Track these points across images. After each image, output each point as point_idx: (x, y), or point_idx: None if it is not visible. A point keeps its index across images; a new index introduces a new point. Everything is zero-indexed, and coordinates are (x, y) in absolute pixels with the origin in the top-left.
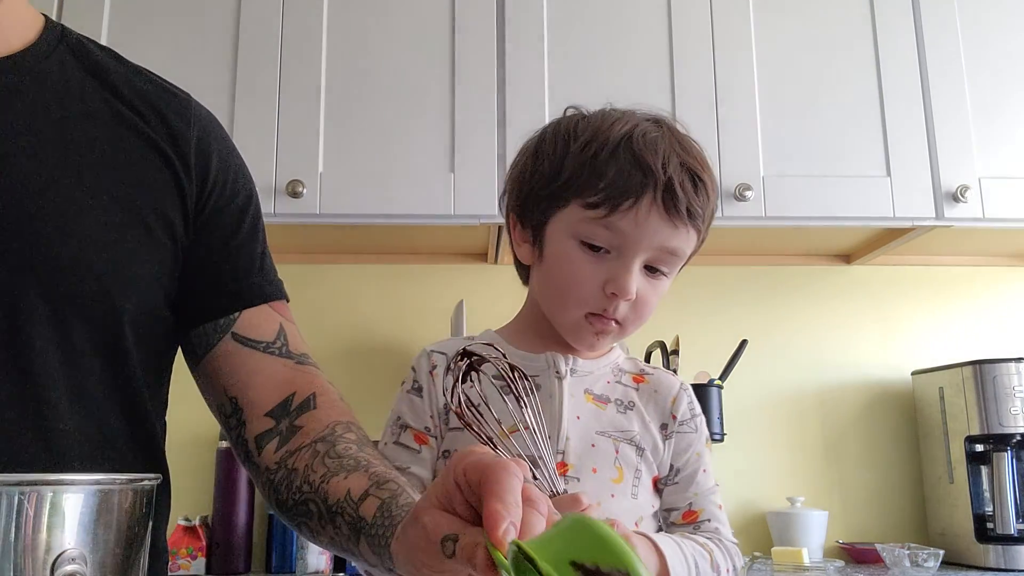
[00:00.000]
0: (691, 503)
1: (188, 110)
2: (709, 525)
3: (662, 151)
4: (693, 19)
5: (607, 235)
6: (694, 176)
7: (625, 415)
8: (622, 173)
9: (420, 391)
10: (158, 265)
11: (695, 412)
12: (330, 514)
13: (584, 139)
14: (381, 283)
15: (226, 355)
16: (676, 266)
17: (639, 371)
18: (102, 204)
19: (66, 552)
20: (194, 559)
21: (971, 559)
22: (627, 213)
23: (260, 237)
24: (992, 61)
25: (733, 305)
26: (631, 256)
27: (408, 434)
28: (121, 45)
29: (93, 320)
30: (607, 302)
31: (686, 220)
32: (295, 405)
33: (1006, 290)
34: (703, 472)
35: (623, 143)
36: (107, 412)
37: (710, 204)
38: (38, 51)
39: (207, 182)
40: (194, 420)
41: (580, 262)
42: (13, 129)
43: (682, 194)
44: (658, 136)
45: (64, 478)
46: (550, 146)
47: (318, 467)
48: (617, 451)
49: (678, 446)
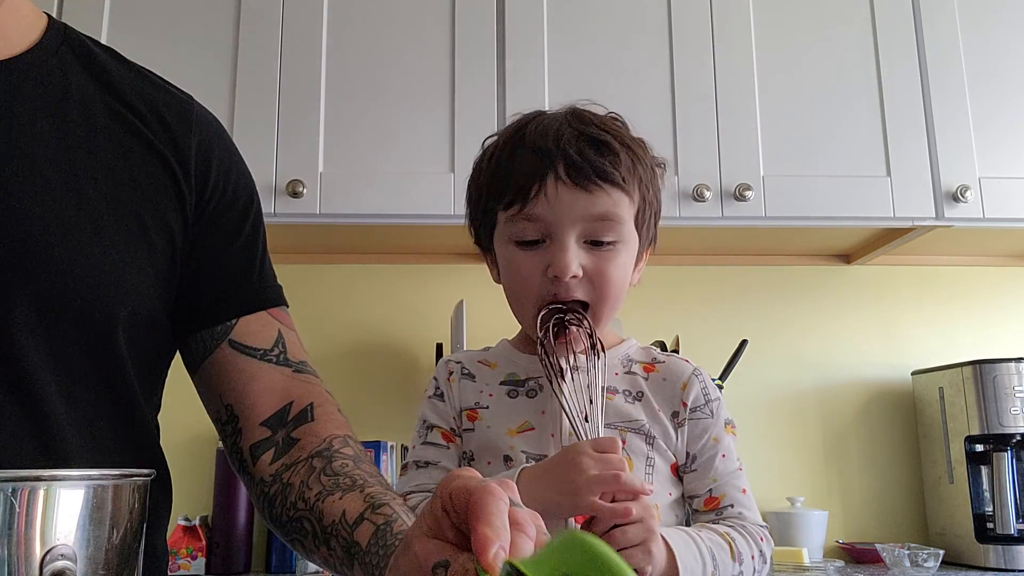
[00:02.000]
0: (711, 489)
1: (190, 113)
2: (732, 511)
3: (553, 131)
4: (693, 19)
5: (531, 226)
6: (595, 140)
7: (633, 405)
8: (523, 165)
9: (442, 396)
10: (154, 271)
11: (710, 397)
12: (324, 535)
13: (489, 152)
14: (381, 283)
15: (223, 362)
16: (621, 232)
17: (651, 360)
18: (98, 208)
19: (56, 548)
20: (194, 559)
21: (971, 559)
22: (538, 199)
23: (260, 242)
24: (992, 61)
25: (733, 305)
26: (560, 236)
27: (436, 433)
28: (121, 45)
29: (86, 325)
30: (554, 287)
31: (600, 183)
32: (292, 416)
33: (1006, 290)
34: (722, 457)
35: (517, 140)
36: (101, 416)
37: (624, 162)
38: (40, 52)
39: (207, 187)
40: (194, 420)
41: (521, 260)
42: (11, 131)
43: (583, 161)
44: (551, 120)
45: (56, 473)
46: (474, 174)
47: (314, 484)
48: (624, 441)
49: (692, 432)
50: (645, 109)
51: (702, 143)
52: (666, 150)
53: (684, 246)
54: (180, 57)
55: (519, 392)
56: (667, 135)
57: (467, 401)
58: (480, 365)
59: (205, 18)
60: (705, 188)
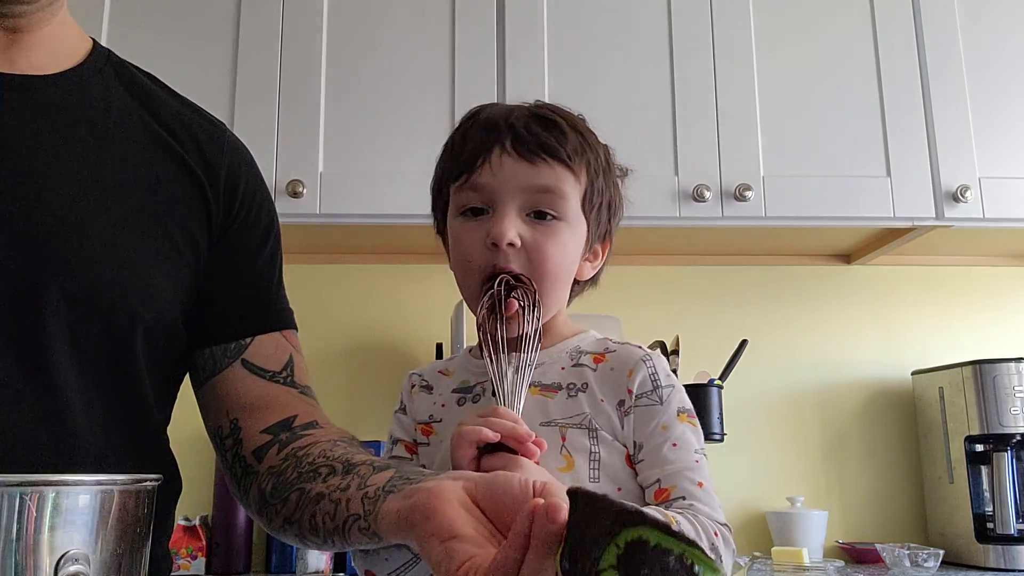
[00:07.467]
0: (659, 480)
1: (222, 137)
2: (683, 503)
3: (505, 111)
4: (693, 19)
5: (476, 196)
6: (544, 119)
7: (576, 398)
8: (473, 141)
9: (404, 410)
10: (178, 280)
11: (659, 383)
12: (347, 469)
13: (449, 137)
14: (381, 283)
15: (232, 380)
16: (562, 206)
17: (603, 350)
18: (130, 216)
19: (70, 552)
20: (194, 559)
21: (971, 559)
22: (482, 168)
23: (277, 267)
24: (992, 61)
25: (733, 305)
26: (501, 204)
27: (400, 447)
28: (121, 45)
29: (110, 324)
30: (493, 255)
31: (544, 156)
32: (296, 425)
33: (1006, 290)
34: (672, 446)
35: (471, 121)
36: (115, 415)
37: (571, 142)
38: (85, 70)
39: (233, 207)
40: (194, 420)
41: (466, 231)
42: (53, 141)
43: (529, 135)
44: (507, 105)
45: (67, 478)
46: (437, 163)
47: (336, 449)
48: (564, 438)
49: (638, 420)
50: (645, 109)
51: (702, 143)
52: (666, 150)
53: (684, 246)
54: (180, 57)
55: (466, 399)
56: (667, 135)
57: (421, 414)
58: (439, 375)
59: (205, 18)
60: (705, 188)
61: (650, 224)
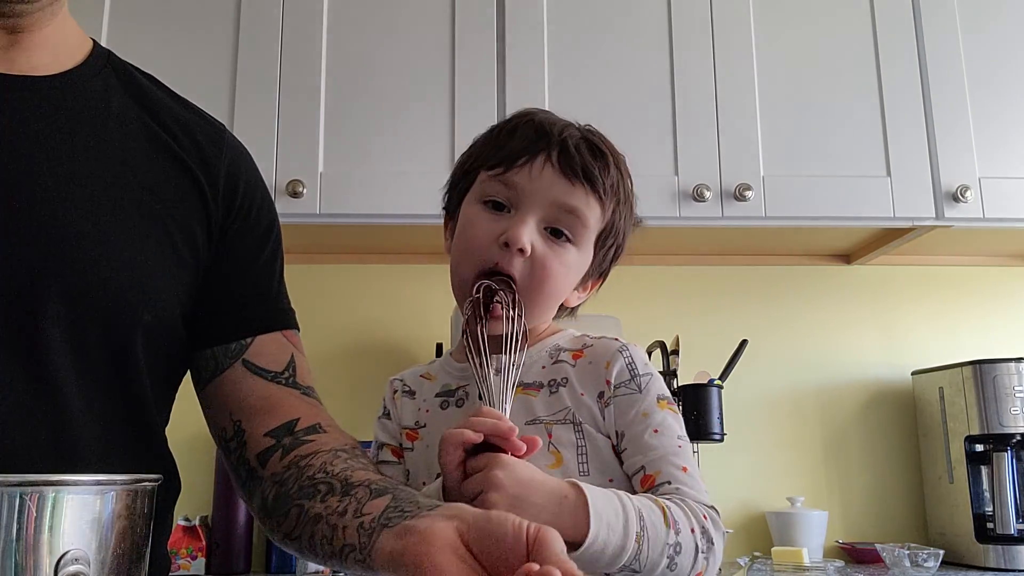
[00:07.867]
0: (644, 467)
1: (222, 138)
2: (668, 487)
3: (561, 124)
4: (693, 19)
5: (505, 191)
6: (593, 146)
7: (558, 394)
8: (521, 139)
9: (388, 415)
10: (178, 281)
11: (636, 372)
12: (345, 489)
13: (494, 126)
14: (381, 283)
15: (234, 381)
16: (580, 232)
17: (580, 346)
18: (130, 216)
19: (70, 552)
20: (194, 559)
21: (971, 559)
22: (522, 168)
23: (278, 267)
24: (992, 61)
25: (733, 305)
26: (526, 209)
27: (386, 451)
28: (121, 44)
29: (110, 324)
30: (500, 254)
31: (582, 180)
32: (299, 428)
33: (1006, 290)
34: (654, 432)
35: (524, 119)
36: (114, 417)
37: (611, 176)
38: (85, 71)
39: (232, 207)
40: (194, 420)
41: (481, 220)
42: (52, 142)
43: (577, 154)
44: (563, 119)
45: (66, 479)
46: (471, 145)
47: (337, 462)
48: (550, 435)
49: (619, 409)
50: (645, 109)
51: (702, 143)
52: (666, 150)
53: (684, 246)
54: (180, 56)
55: (450, 403)
56: (667, 135)
57: (407, 420)
58: (422, 380)
59: (205, 18)
60: (705, 188)
61: (650, 224)
